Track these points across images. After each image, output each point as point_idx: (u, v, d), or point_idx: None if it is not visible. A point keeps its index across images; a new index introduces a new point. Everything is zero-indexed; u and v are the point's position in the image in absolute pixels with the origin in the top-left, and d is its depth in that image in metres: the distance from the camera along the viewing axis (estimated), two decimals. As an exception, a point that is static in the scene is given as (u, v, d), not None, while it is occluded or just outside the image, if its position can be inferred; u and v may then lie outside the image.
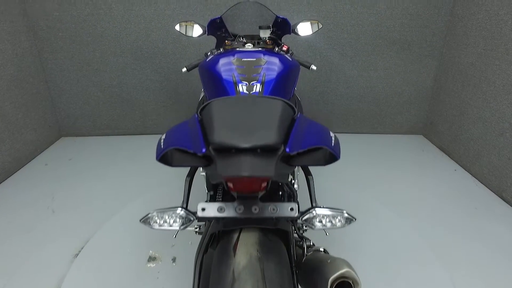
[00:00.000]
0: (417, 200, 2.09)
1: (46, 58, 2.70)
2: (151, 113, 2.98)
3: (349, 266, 0.79)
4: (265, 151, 0.70)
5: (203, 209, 0.80)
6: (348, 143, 2.89)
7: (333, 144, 0.75)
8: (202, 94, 1.49)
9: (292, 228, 0.95)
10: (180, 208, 0.81)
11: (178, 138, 0.75)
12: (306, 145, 0.72)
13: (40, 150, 2.68)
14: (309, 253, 0.94)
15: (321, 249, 0.97)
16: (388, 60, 2.81)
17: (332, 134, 0.80)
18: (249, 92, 1.11)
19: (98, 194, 2.14)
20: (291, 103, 0.87)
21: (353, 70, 2.86)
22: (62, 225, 1.85)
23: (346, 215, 0.77)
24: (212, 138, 0.71)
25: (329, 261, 0.82)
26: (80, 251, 1.67)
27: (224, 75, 1.17)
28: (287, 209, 0.80)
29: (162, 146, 0.74)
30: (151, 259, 1.61)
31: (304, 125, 0.80)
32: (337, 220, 0.77)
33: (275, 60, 1.26)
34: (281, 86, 1.19)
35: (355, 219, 0.77)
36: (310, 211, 0.83)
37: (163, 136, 0.78)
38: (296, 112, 0.85)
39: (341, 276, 0.76)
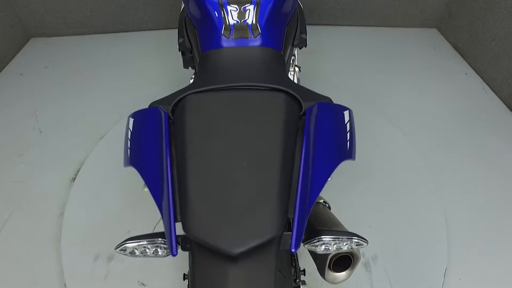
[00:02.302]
0: (418, 107, 2.00)
1: None
2: (128, 6, 2.56)
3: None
4: (262, 252, 0.55)
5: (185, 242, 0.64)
6: (353, 38, 2.61)
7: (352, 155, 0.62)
8: (182, 6, 1.20)
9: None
10: (160, 239, 0.62)
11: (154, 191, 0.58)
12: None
13: (9, 56, 2.39)
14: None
15: (322, 201, 0.92)
16: None
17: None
18: (240, 21, 0.87)
19: (85, 107, 2.00)
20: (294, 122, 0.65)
21: None
22: (53, 147, 1.77)
23: (356, 240, 0.64)
24: (186, 225, 0.54)
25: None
26: (76, 174, 1.64)
27: None
28: (288, 241, 0.62)
29: (128, 156, 0.60)
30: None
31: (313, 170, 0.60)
32: (344, 244, 0.64)
33: None
34: (283, 4, 0.93)
35: (367, 243, 0.64)
36: (316, 239, 0.65)
37: (128, 144, 0.63)
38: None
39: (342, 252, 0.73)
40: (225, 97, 0.64)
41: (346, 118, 0.71)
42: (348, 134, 0.68)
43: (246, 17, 0.88)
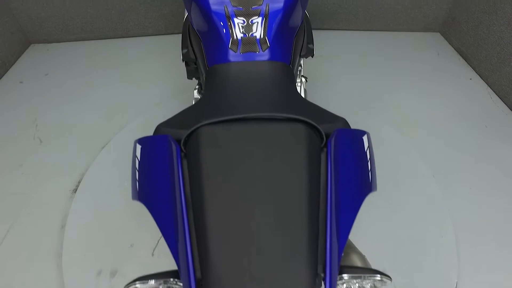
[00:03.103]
0: (423, 113, 1.97)
1: None
2: (129, 12, 2.54)
3: (364, 262, 0.72)
4: None
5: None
6: (355, 42, 2.59)
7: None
8: (186, 14, 1.18)
9: None
10: (172, 280, 0.57)
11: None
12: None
13: (9, 63, 2.36)
14: None
15: None
16: None
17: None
18: (248, 35, 0.84)
19: (86, 115, 1.97)
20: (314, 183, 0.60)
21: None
22: (53, 157, 1.75)
23: (379, 278, 0.59)
24: (210, 285, 0.50)
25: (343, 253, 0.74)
26: (78, 186, 1.61)
27: (214, 5, 0.88)
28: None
29: (137, 189, 0.57)
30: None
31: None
32: (367, 282, 0.59)
33: None
34: (291, 15, 0.91)
35: (391, 280, 0.59)
36: (338, 277, 0.62)
37: (137, 175, 0.60)
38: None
39: None
40: (242, 129, 0.60)
41: (366, 144, 0.68)
42: (369, 164, 0.65)
43: (254, 30, 0.85)
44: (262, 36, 0.86)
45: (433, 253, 1.36)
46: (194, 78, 1.22)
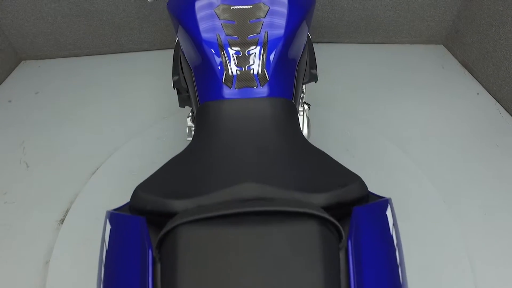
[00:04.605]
0: (429, 131, 1.88)
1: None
2: (123, 27, 2.46)
3: None
4: None
5: None
6: (357, 56, 2.51)
7: None
8: (177, 39, 1.09)
9: None
10: None
11: None
12: None
13: (-2, 81, 2.28)
14: None
15: None
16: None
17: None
18: (244, 68, 0.74)
19: (76, 137, 1.87)
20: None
21: (372, -36, 2.25)
22: (40, 183, 1.64)
23: None
24: None
25: None
26: (65, 216, 1.51)
27: (205, 33, 0.78)
28: None
29: (101, 279, 0.48)
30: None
31: None
32: None
33: (281, 0, 0.82)
34: (294, 42, 0.81)
35: None
36: None
37: (103, 260, 0.50)
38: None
39: None
40: (234, 232, 0.45)
41: (390, 221, 0.55)
42: (397, 252, 0.51)
43: (251, 63, 0.75)
44: (260, 69, 0.76)
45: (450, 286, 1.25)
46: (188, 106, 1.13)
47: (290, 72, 0.82)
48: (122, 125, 1.94)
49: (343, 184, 0.55)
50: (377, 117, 1.98)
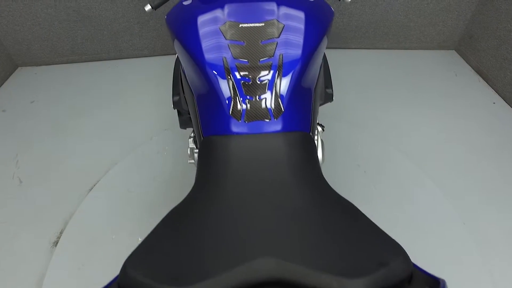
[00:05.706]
0: (444, 144, 1.77)
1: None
2: (122, 32, 2.37)
3: None
4: None
5: None
6: (365, 62, 2.41)
7: None
8: (176, 56, 0.98)
9: None
10: None
11: None
12: None
13: (-8, 89, 2.19)
14: None
15: None
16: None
17: None
18: (255, 97, 0.62)
19: (73, 150, 1.77)
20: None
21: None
22: (34, 201, 1.55)
23: None
24: None
25: None
26: (59, 237, 1.41)
27: (209, 54, 0.66)
28: None
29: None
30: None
31: None
32: None
33: (298, 15, 0.70)
34: (312, 64, 0.70)
35: None
36: None
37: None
38: None
39: None
40: None
41: None
42: None
43: (264, 92, 0.63)
44: (274, 99, 0.64)
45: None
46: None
47: (307, 99, 0.70)
48: (121, 137, 1.84)
49: (385, 261, 0.43)
50: (388, 128, 1.88)
